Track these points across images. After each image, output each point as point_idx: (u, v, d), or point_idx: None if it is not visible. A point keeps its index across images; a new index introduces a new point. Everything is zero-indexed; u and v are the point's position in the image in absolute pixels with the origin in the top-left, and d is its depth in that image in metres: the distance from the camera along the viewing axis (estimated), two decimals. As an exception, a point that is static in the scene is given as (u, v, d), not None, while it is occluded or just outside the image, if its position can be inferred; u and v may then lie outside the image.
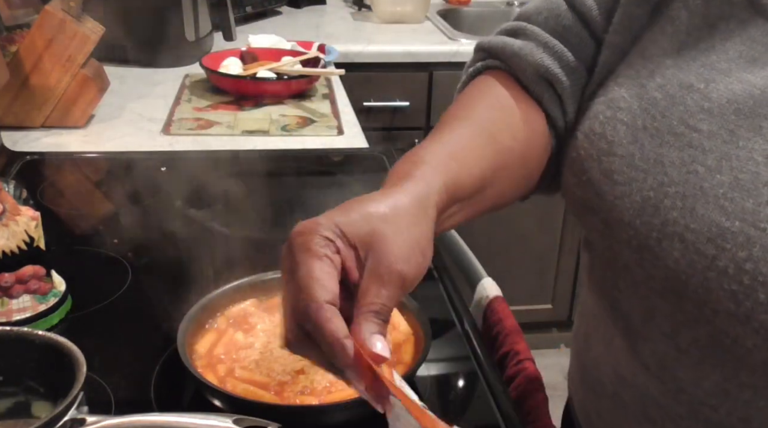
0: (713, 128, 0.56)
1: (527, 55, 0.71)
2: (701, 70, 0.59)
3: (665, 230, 0.56)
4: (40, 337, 0.69)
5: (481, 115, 0.69)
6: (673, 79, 0.60)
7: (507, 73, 0.73)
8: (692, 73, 0.60)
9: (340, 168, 1.38)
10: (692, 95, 0.58)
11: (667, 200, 0.56)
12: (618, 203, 0.60)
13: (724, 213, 0.53)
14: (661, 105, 0.60)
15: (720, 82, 0.58)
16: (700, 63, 0.60)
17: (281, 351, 0.77)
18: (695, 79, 0.59)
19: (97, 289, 0.94)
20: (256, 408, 0.68)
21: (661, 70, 0.62)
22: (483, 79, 0.75)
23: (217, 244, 1.01)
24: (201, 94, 1.69)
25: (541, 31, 0.72)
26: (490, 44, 0.75)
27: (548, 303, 2.51)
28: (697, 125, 0.57)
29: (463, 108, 0.71)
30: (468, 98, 0.72)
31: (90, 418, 0.63)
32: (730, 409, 0.59)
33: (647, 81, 0.62)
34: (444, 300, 0.96)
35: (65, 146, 1.40)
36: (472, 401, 0.80)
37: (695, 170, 0.56)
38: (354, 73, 1.92)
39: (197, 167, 1.33)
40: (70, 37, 1.40)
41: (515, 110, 0.70)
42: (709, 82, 0.58)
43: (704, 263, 0.54)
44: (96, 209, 1.22)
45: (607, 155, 0.61)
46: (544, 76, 0.70)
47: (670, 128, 0.59)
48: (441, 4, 2.61)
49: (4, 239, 0.82)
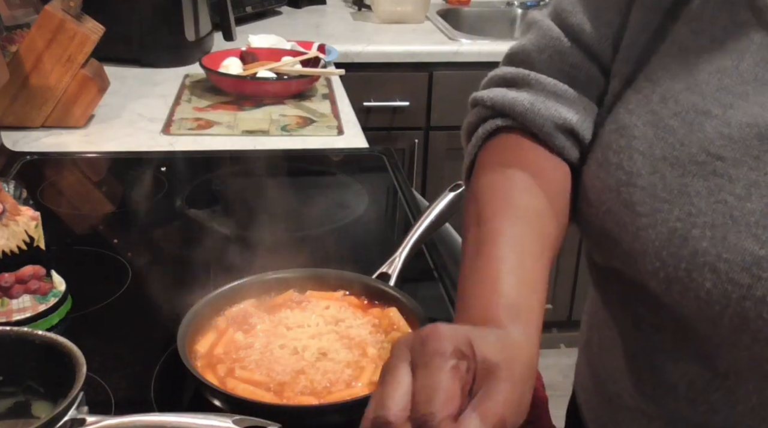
0: (737, 155, 0.55)
1: (541, 110, 0.68)
2: (717, 94, 0.58)
3: (695, 261, 0.55)
4: (40, 337, 0.69)
5: (528, 211, 0.64)
6: (688, 105, 0.59)
7: (521, 131, 0.69)
8: (708, 97, 0.58)
9: (340, 168, 1.38)
10: (710, 122, 0.57)
11: (696, 230, 0.55)
12: (642, 234, 0.58)
13: (757, 241, 0.53)
14: (679, 133, 0.59)
15: (738, 108, 0.57)
16: (714, 86, 0.58)
17: (281, 351, 0.77)
18: (712, 104, 0.58)
19: (97, 289, 0.94)
20: (256, 408, 0.68)
21: (673, 95, 0.60)
22: (501, 145, 0.71)
23: (217, 244, 1.01)
24: (201, 94, 1.69)
25: (546, 78, 0.69)
26: (494, 102, 0.71)
27: (548, 303, 2.51)
28: (719, 152, 0.56)
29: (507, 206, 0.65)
30: (503, 189, 0.66)
31: (90, 418, 0.63)
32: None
33: (659, 107, 0.61)
34: (444, 300, 0.96)
35: (65, 146, 1.40)
36: (472, 401, 0.80)
37: (723, 199, 0.55)
38: (354, 73, 1.92)
39: (197, 167, 1.33)
40: (70, 37, 1.40)
41: (547, 177, 0.67)
42: (727, 108, 0.57)
43: (740, 292, 0.53)
44: (96, 209, 1.22)
45: (627, 186, 0.60)
46: (563, 127, 0.67)
47: (691, 156, 0.57)
48: (441, 4, 2.61)
49: (4, 239, 0.82)
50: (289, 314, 0.83)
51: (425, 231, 0.94)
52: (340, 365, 0.75)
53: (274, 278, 0.87)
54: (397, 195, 1.25)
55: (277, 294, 0.86)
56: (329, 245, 1.09)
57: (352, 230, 1.15)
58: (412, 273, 0.92)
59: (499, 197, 0.65)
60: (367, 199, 1.23)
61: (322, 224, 1.17)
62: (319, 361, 0.76)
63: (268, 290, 0.86)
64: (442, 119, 2.22)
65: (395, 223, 1.24)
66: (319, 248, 1.05)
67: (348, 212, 1.19)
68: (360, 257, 0.99)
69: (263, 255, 0.92)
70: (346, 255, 1.00)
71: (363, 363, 0.76)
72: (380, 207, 1.26)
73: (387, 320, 0.82)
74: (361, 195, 1.24)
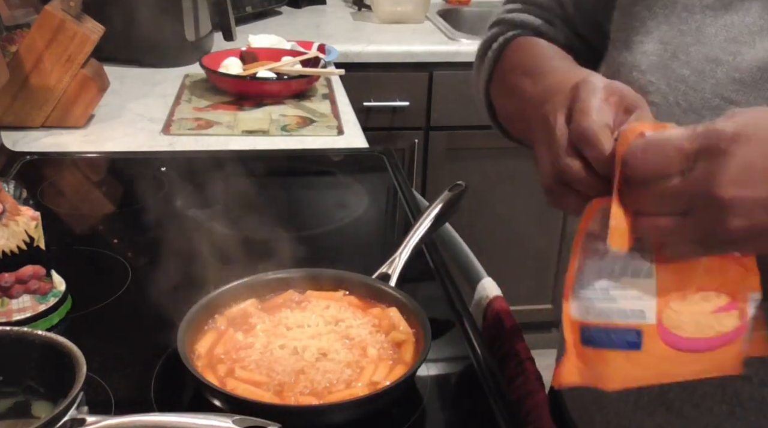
0: (749, 99, 0.57)
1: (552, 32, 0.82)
2: (725, 44, 0.60)
3: None
4: (40, 337, 0.69)
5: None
6: (698, 56, 0.61)
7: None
8: (716, 48, 0.60)
9: (340, 168, 1.38)
10: (721, 68, 0.59)
11: None
12: None
13: None
14: (691, 80, 0.61)
15: (746, 54, 0.58)
16: (722, 38, 0.60)
17: (281, 351, 0.77)
18: (721, 52, 0.60)
19: (97, 289, 0.94)
20: (256, 408, 0.68)
21: (683, 49, 0.62)
22: (523, 40, 0.83)
23: (217, 244, 1.01)
24: (201, 94, 1.69)
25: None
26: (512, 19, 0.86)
27: (548, 303, 2.51)
28: (731, 96, 0.58)
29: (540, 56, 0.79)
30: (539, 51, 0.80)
31: (90, 418, 0.63)
32: (766, 377, 0.59)
33: (671, 62, 0.63)
34: (444, 300, 0.96)
35: (65, 146, 1.40)
36: (472, 401, 0.80)
37: None
38: (354, 73, 1.92)
39: (197, 167, 1.33)
40: (70, 37, 1.40)
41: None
42: (736, 55, 0.59)
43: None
44: (96, 209, 1.22)
45: None
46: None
47: (705, 101, 0.59)
48: (441, 4, 2.61)
49: (4, 239, 0.82)
50: (289, 314, 0.83)
51: (425, 231, 0.94)
52: (340, 365, 0.75)
53: (274, 278, 0.87)
54: (397, 195, 1.25)
55: (277, 294, 0.86)
56: (329, 245, 1.09)
57: (352, 230, 1.15)
58: (412, 273, 0.92)
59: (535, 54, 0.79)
60: (367, 199, 1.23)
61: (322, 224, 1.17)
62: (319, 361, 0.76)
63: (268, 290, 0.86)
64: (442, 119, 2.22)
65: (395, 223, 1.24)
66: (319, 248, 1.05)
67: (348, 212, 1.19)
68: (360, 257, 0.99)
69: (263, 255, 0.92)
70: (346, 255, 1.00)
71: (363, 363, 0.76)
72: (380, 207, 1.26)
73: (387, 320, 0.82)
74: (361, 195, 1.24)
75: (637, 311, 0.54)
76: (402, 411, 0.76)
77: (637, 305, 0.54)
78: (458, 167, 2.24)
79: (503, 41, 0.84)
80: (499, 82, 0.84)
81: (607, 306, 0.55)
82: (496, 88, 0.84)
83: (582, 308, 0.55)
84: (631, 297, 0.54)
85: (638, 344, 0.54)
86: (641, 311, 0.54)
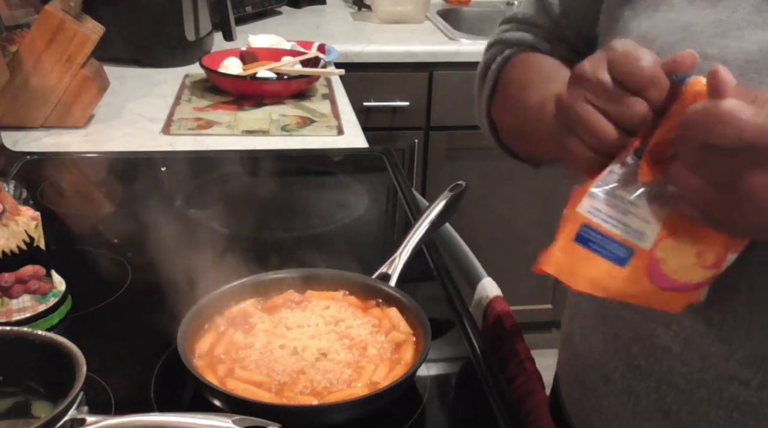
0: None
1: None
2: (713, 40, 0.60)
3: None
4: (40, 337, 0.69)
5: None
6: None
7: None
8: (704, 43, 0.60)
9: (340, 168, 1.38)
10: (708, 63, 0.59)
11: None
12: None
13: None
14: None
15: (734, 47, 0.58)
16: (710, 34, 0.60)
17: (281, 351, 0.77)
18: (708, 47, 0.60)
19: (97, 289, 0.94)
20: (256, 408, 0.68)
21: (671, 47, 0.62)
22: (522, 56, 0.83)
23: (217, 244, 1.01)
24: (201, 94, 1.69)
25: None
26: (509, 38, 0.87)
27: (548, 303, 2.50)
28: None
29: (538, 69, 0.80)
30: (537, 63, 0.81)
31: (90, 418, 0.63)
32: (764, 380, 0.59)
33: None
34: (444, 300, 0.96)
35: (65, 146, 1.40)
36: (472, 401, 0.80)
37: None
38: (354, 73, 1.92)
39: (197, 167, 1.33)
40: (70, 37, 1.40)
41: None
42: (724, 49, 0.59)
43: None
44: (96, 209, 1.22)
45: None
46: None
47: None
48: (441, 4, 2.61)
49: (4, 239, 0.82)
50: (289, 314, 0.83)
51: (425, 231, 0.94)
52: (340, 365, 0.75)
53: (274, 278, 0.87)
54: (397, 195, 1.25)
55: (277, 294, 0.86)
56: (329, 245, 1.09)
57: (352, 230, 1.15)
58: (412, 273, 0.92)
59: (533, 68, 0.80)
60: (367, 199, 1.23)
61: (322, 224, 1.17)
62: (319, 361, 0.76)
63: (268, 290, 0.86)
64: (442, 119, 2.22)
65: (395, 223, 1.24)
66: (319, 248, 1.05)
67: (348, 212, 1.19)
68: (360, 257, 0.99)
69: (263, 255, 0.92)
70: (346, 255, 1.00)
71: (363, 363, 0.76)
72: (380, 207, 1.26)
73: (387, 320, 0.82)
74: (361, 195, 1.24)
75: (639, 231, 0.56)
76: (402, 411, 0.76)
77: (642, 227, 0.56)
78: (458, 167, 2.24)
79: (501, 61, 0.84)
80: (500, 99, 0.84)
81: (617, 215, 0.56)
82: (498, 105, 0.84)
83: (593, 208, 0.57)
84: (641, 217, 0.56)
85: (625, 260, 0.56)
86: (643, 234, 0.56)
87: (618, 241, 0.56)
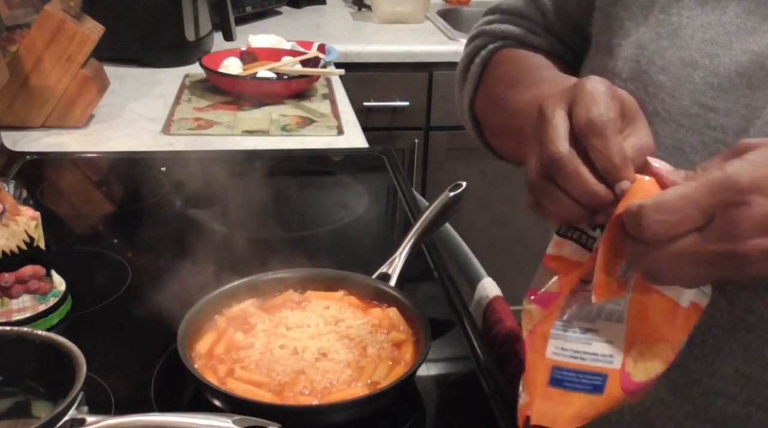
0: (729, 106, 0.56)
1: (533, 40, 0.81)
2: (702, 46, 0.59)
3: None
4: (40, 337, 0.69)
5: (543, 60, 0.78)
6: (674, 59, 0.60)
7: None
8: (693, 50, 0.59)
9: (340, 168, 1.38)
10: (698, 72, 0.58)
11: None
12: None
13: None
14: (668, 87, 0.59)
15: (724, 56, 0.57)
16: (699, 40, 0.59)
17: (281, 351, 0.77)
18: (698, 55, 0.58)
19: (97, 289, 0.94)
20: (256, 408, 0.68)
21: (659, 53, 0.61)
22: (507, 52, 0.82)
23: (217, 244, 1.01)
24: (201, 94, 1.69)
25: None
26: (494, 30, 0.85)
27: (548, 303, 2.50)
28: (710, 103, 0.57)
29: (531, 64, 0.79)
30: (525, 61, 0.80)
31: (90, 418, 0.63)
32: (750, 395, 0.58)
33: (648, 67, 0.62)
34: (444, 300, 0.96)
35: (65, 146, 1.40)
36: (472, 401, 0.80)
37: (718, 150, 0.55)
38: (354, 73, 1.92)
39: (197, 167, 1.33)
40: (70, 37, 1.40)
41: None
42: (713, 58, 0.58)
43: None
44: (96, 209, 1.22)
45: None
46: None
47: (683, 109, 0.58)
48: (441, 4, 2.61)
49: (4, 239, 0.82)
50: (289, 314, 0.83)
51: (425, 231, 0.94)
52: (340, 365, 0.75)
53: (274, 278, 0.87)
54: (397, 195, 1.25)
55: (277, 294, 0.86)
56: (329, 245, 1.09)
57: (352, 230, 1.15)
58: (412, 273, 0.92)
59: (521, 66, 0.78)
60: (367, 199, 1.23)
61: (322, 224, 1.17)
62: (319, 361, 0.76)
63: (268, 290, 0.86)
64: (442, 119, 2.22)
65: (395, 223, 1.24)
66: (319, 248, 1.05)
67: (348, 212, 1.19)
68: (360, 257, 0.99)
69: (263, 255, 0.92)
70: (346, 255, 1.00)
71: (363, 363, 0.76)
72: (380, 207, 1.26)
73: (387, 320, 0.82)
74: (361, 195, 1.24)
75: (607, 355, 0.56)
76: (402, 411, 0.76)
77: (608, 349, 0.55)
78: (458, 167, 2.24)
79: (486, 54, 0.82)
80: (484, 97, 0.82)
81: (583, 347, 0.56)
82: (482, 103, 0.82)
83: (558, 348, 0.56)
84: (605, 339, 0.56)
85: (602, 387, 0.55)
86: (611, 356, 0.55)
87: (590, 372, 0.56)
